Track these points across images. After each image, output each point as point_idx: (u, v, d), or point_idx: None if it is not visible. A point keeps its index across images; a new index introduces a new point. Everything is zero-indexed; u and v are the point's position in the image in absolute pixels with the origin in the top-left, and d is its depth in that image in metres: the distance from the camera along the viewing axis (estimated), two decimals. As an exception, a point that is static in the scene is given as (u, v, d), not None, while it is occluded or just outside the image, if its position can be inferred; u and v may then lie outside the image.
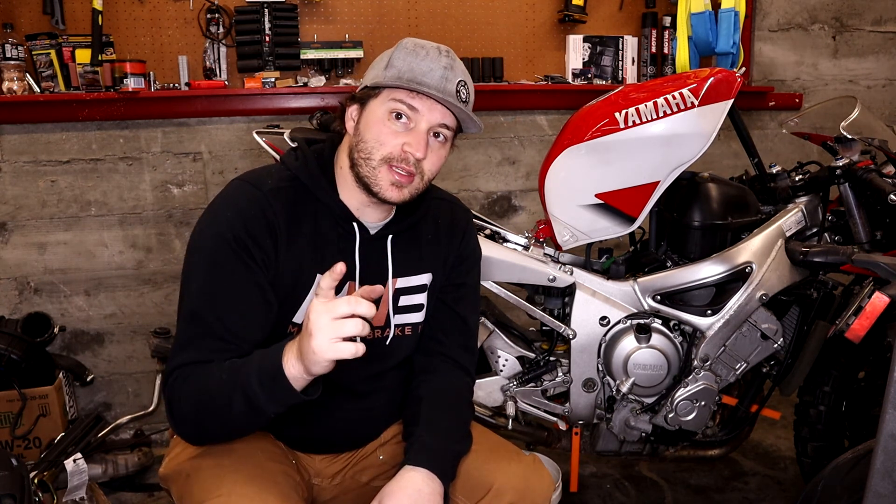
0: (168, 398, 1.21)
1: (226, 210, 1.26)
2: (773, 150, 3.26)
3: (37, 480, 2.07)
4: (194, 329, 1.21)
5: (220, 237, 1.23)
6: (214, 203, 1.29)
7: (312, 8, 2.83)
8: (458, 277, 1.46)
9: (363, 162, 1.27)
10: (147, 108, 2.68)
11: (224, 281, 1.22)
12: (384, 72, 1.26)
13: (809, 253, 1.88)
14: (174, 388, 1.20)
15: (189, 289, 1.24)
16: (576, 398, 2.02)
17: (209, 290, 1.22)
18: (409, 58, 1.25)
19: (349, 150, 1.30)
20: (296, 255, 1.28)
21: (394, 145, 1.25)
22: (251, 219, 1.24)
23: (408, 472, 1.23)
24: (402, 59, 1.25)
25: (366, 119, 1.27)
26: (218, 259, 1.23)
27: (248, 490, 1.20)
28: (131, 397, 2.92)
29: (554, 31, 3.05)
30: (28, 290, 2.76)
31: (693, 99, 1.88)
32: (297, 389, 1.10)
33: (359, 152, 1.27)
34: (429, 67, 1.25)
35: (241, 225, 1.23)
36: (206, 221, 1.27)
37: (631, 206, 1.95)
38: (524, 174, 3.09)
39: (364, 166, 1.27)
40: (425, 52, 1.26)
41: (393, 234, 1.37)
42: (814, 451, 2.16)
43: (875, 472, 1.06)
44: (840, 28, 3.29)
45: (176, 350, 1.22)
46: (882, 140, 2.05)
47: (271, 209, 1.26)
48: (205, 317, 1.21)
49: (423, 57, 1.25)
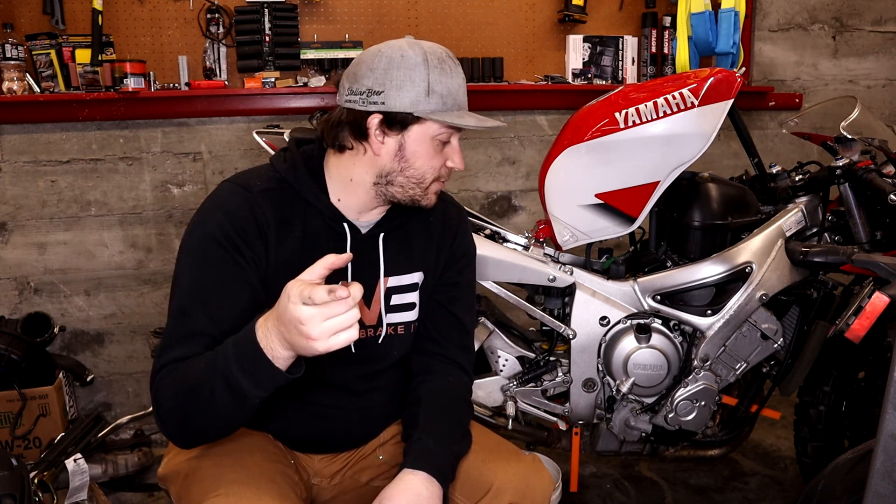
0: (154, 397, 1.18)
1: (215, 210, 1.26)
2: (773, 150, 3.26)
3: (37, 480, 2.07)
4: (183, 326, 1.20)
5: (209, 237, 1.23)
6: (204, 205, 1.29)
7: (312, 8, 2.83)
8: (452, 277, 1.46)
9: (414, 185, 1.29)
10: (147, 108, 2.68)
11: (214, 279, 1.22)
12: (427, 98, 1.23)
13: (809, 253, 1.88)
14: (159, 387, 1.17)
15: (178, 287, 1.24)
16: (576, 398, 2.02)
17: (199, 287, 1.22)
18: (443, 79, 1.25)
19: (379, 170, 1.29)
20: (286, 254, 1.28)
21: (441, 166, 1.31)
22: (241, 219, 1.25)
23: (407, 476, 1.23)
24: (439, 82, 1.24)
25: (413, 147, 1.27)
26: (208, 257, 1.23)
27: (246, 490, 1.20)
28: (131, 397, 2.92)
29: (554, 31, 3.05)
30: (28, 290, 2.76)
31: (693, 99, 1.88)
32: (281, 369, 1.04)
33: (407, 178, 1.29)
34: (457, 85, 1.27)
35: (231, 225, 1.23)
36: (196, 222, 1.27)
37: (631, 206, 1.95)
38: (524, 174, 3.09)
39: (415, 189, 1.30)
40: (448, 67, 1.26)
41: (384, 232, 1.37)
42: (814, 451, 2.16)
43: (875, 472, 1.06)
44: (840, 28, 3.29)
45: (163, 348, 1.20)
46: (882, 140, 2.05)
47: (260, 209, 1.26)
48: (193, 314, 1.20)
49: (450, 74, 1.26)
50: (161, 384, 1.17)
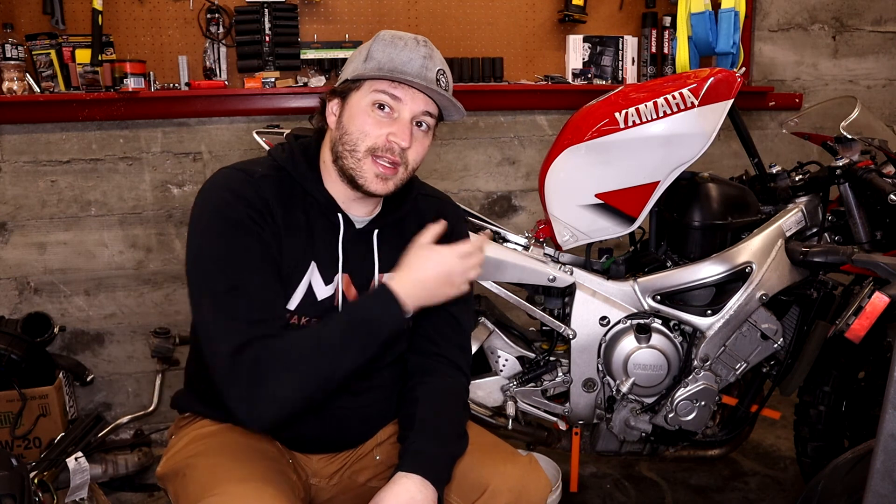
0: (250, 376, 1.15)
1: (222, 193, 1.25)
2: (773, 150, 3.26)
3: (37, 480, 2.07)
4: (237, 303, 1.18)
5: (226, 219, 1.22)
6: (205, 192, 1.27)
7: (312, 8, 2.83)
8: None
9: (348, 154, 1.28)
10: (147, 108, 2.68)
11: (244, 254, 1.22)
12: (364, 64, 1.27)
13: (809, 253, 1.88)
14: (258, 363, 1.15)
15: (207, 271, 1.21)
16: (576, 398, 2.02)
17: (233, 264, 1.21)
18: (387, 49, 1.26)
19: (332, 144, 1.31)
20: (293, 239, 1.29)
21: (378, 136, 1.26)
22: (250, 198, 1.25)
23: (401, 479, 1.22)
24: (381, 50, 1.26)
25: (349, 112, 1.28)
26: (231, 238, 1.22)
27: (244, 489, 1.20)
28: (131, 397, 2.92)
29: (554, 31, 3.05)
30: (28, 290, 2.76)
31: (693, 99, 1.88)
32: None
33: (343, 145, 1.28)
34: (408, 57, 1.26)
35: (243, 204, 1.24)
36: (205, 209, 1.25)
37: (631, 206, 1.95)
38: (524, 174, 3.09)
39: (349, 158, 1.28)
40: (403, 42, 1.27)
41: (379, 228, 1.37)
42: (814, 451, 2.16)
43: (875, 472, 1.06)
44: (840, 28, 3.29)
45: (223, 331, 1.17)
46: (882, 140, 2.05)
47: (264, 192, 1.27)
48: (243, 286, 1.19)
49: (402, 48, 1.26)
50: (262, 359, 1.15)
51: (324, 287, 1.32)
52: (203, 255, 1.23)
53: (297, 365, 1.17)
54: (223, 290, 1.20)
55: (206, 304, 1.21)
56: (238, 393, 1.17)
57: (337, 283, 1.34)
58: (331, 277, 1.33)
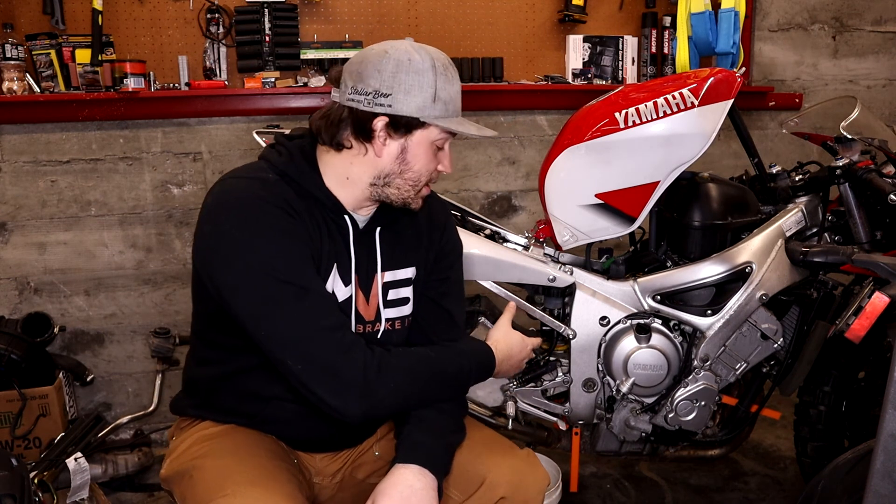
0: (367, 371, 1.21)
1: (252, 203, 1.22)
2: (773, 150, 3.26)
3: (37, 480, 2.08)
4: (313, 301, 1.21)
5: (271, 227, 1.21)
6: (227, 208, 1.23)
7: (312, 8, 2.83)
8: (441, 273, 1.47)
9: (409, 188, 1.31)
10: (147, 108, 2.68)
11: (302, 260, 1.23)
12: (433, 105, 1.25)
13: (809, 253, 1.88)
14: (379, 368, 1.22)
15: (269, 285, 1.18)
16: (576, 398, 2.02)
17: (294, 272, 1.21)
18: (447, 86, 1.27)
19: (379, 172, 1.29)
20: (317, 242, 1.29)
21: (433, 169, 1.34)
22: (281, 204, 1.24)
23: (399, 470, 1.24)
24: (444, 89, 1.26)
25: (414, 151, 1.29)
26: (289, 245, 1.22)
27: (254, 490, 1.20)
28: (131, 397, 2.92)
29: (554, 31, 3.05)
30: (28, 290, 2.76)
31: (693, 99, 1.88)
32: None
33: (404, 179, 1.30)
34: (457, 91, 1.30)
35: (281, 211, 1.23)
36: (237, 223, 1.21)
37: (631, 206, 1.95)
38: (524, 174, 3.09)
39: (409, 191, 1.32)
40: (451, 74, 1.28)
41: (380, 227, 1.38)
42: (814, 451, 2.16)
43: (875, 472, 1.06)
44: (840, 28, 3.29)
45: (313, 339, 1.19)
46: (882, 140, 2.05)
47: (287, 197, 1.26)
48: (307, 285, 1.21)
49: (452, 81, 1.28)
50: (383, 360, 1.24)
51: (343, 289, 1.33)
52: (256, 270, 1.19)
53: (415, 380, 1.28)
54: (283, 296, 1.19)
55: (276, 314, 1.19)
56: (353, 376, 1.20)
57: (353, 284, 1.34)
58: (348, 279, 1.33)
